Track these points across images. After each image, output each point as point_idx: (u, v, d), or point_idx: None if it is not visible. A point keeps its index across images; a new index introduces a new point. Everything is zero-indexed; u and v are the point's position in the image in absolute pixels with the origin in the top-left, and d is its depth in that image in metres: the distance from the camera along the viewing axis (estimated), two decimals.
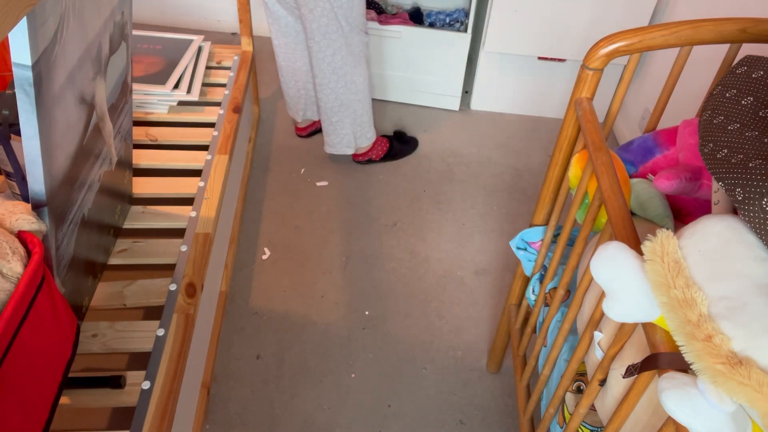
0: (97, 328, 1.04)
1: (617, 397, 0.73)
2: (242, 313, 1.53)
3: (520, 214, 1.89)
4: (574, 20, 2.03)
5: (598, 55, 0.90)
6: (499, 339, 1.36)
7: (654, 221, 0.92)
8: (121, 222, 1.24)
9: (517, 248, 1.17)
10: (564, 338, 0.94)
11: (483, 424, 1.35)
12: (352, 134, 1.89)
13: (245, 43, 1.94)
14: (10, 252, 0.72)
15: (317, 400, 1.36)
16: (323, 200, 1.88)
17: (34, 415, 0.76)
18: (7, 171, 1.10)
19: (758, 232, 0.59)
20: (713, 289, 0.56)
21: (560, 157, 1.04)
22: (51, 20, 0.75)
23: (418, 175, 2.00)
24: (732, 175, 0.62)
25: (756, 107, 0.73)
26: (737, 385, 0.50)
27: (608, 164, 0.79)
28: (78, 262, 0.99)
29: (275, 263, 1.66)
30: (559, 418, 0.95)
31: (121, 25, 1.07)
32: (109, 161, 1.11)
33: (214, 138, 1.52)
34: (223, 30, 2.73)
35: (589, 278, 0.82)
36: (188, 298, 1.12)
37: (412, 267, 1.69)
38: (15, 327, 0.70)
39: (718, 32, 0.91)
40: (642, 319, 0.61)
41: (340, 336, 1.50)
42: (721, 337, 0.53)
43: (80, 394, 0.95)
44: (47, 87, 0.77)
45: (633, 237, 0.70)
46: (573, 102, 0.96)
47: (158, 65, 1.67)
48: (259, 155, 2.03)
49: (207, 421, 1.30)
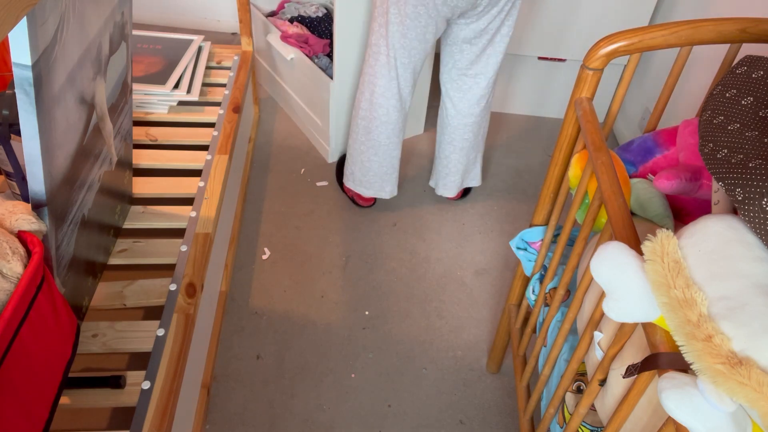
0: (97, 328, 1.04)
1: (617, 397, 0.73)
2: (242, 313, 1.53)
3: (520, 214, 1.89)
4: (574, 20, 2.03)
5: (598, 55, 0.91)
6: (499, 339, 1.37)
7: (654, 221, 0.92)
8: (121, 222, 1.24)
9: (517, 248, 1.17)
10: (564, 338, 0.94)
11: (483, 424, 1.35)
12: None
13: (245, 43, 1.94)
14: (10, 252, 0.72)
15: (317, 400, 1.36)
16: (323, 200, 1.88)
17: (34, 415, 0.76)
18: (7, 171, 1.10)
19: (758, 232, 0.59)
20: (713, 289, 0.56)
21: (560, 157, 1.04)
22: (51, 20, 0.74)
23: (418, 175, 2.00)
24: (732, 175, 0.62)
25: (756, 107, 0.73)
26: (737, 385, 0.50)
27: (608, 164, 0.79)
28: (78, 262, 0.99)
29: (275, 263, 1.66)
30: (559, 418, 0.95)
31: (121, 25, 1.07)
32: (109, 161, 1.11)
33: (214, 138, 1.52)
34: (223, 30, 2.73)
35: (589, 278, 0.82)
36: (188, 298, 1.12)
37: (412, 267, 1.69)
38: (15, 327, 0.70)
39: (718, 32, 0.91)
40: (642, 319, 0.61)
41: (340, 336, 1.50)
42: (721, 337, 0.53)
43: (80, 394, 0.95)
44: (47, 87, 0.77)
45: (633, 237, 0.70)
46: (573, 102, 0.96)
47: (158, 65, 1.67)
48: (259, 155, 2.03)
49: (207, 421, 1.30)
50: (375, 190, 1.76)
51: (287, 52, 2.00)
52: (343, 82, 1.85)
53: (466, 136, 1.71)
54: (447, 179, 1.82)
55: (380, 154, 1.67)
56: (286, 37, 2.03)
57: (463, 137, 1.71)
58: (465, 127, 1.69)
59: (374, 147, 1.66)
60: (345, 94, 1.89)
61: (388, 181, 1.75)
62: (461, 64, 1.58)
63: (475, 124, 1.69)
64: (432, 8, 1.36)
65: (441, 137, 1.76)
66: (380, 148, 1.66)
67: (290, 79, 2.11)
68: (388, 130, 1.63)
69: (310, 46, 2.01)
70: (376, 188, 1.75)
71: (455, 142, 1.73)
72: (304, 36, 2.04)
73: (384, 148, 1.66)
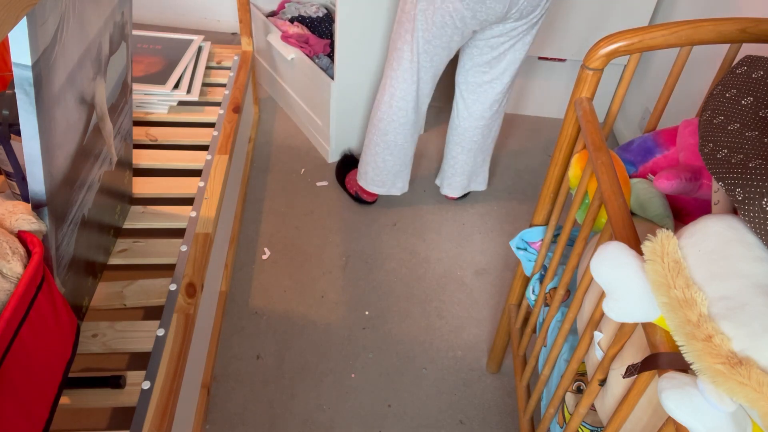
0: (97, 328, 1.04)
1: (617, 397, 0.73)
2: (242, 313, 1.53)
3: (520, 214, 1.89)
4: (574, 20, 2.03)
5: (598, 55, 0.91)
6: (499, 339, 1.37)
7: (654, 221, 0.92)
8: (121, 222, 1.24)
9: (517, 248, 1.17)
10: (564, 338, 0.94)
11: (483, 424, 1.35)
12: None
13: (245, 43, 1.94)
14: (10, 252, 0.72)
15: (317, 400, 1.36)
16: (323, 200, 1.88)
17: (34, 415, 0.76)
18: (7, 171, 1.10)
19: (758, 232, 0.59)
20: (713, 289, 0.56)
21: (560, 157, 1.04)
22: (51, 20, 0.75)
23: (419, 175, 2.00)
24: (732, 175, 0.62)
25: (756, 107, 0.73)
26: (737, 385, 0.50)
27: (608, 164, 0.79)
28: (78, 262, 0.99)
29: (275, 263, 1.66)
30: (559, 418, 0.95)
31: (121, 25, 1.07)
32: (109, 161, 1.11)
33: (214, 138, 1.52)
34: (223, 30, 2.73)
35: (589, 278, 0.82)
36: (188, 298, 1.12)
37: (412, 267, 1.69)
38: (15, 327, 0.70)
39: (718, 32, 0.91)
40: (642, 319, 0.61)
41: (340, 336, 1.50)
42: (721, 337, 0.53)
43: (80, 394, 0.95)
44: (47, 87, 0.77)
45: (633, 237, 0.70)
46: (573, 102, 0.96)
47: (158, 65, 1.67)
48: (259, 155, 2.03)
49: (207, 421, 1.30)
50: (387, 188, 1.77)
51: (288, 52, 2.00)
52: (344, 82, 1.85)
53: (475, 138, 1.71)
54: (453, 179, 1.83)
55: (395, 154, 1.69)
56: (286, 37, 2.03)
57: (472, 139, 1.72)
58: (475, 129, 1.70)
59: (390, 147, 1.67)
60: (346, 95, 1.89)
61: (400, 178, 1.76)
62: (479, 65, 1.58)
63: (485, 127, 1.69)
64: (460, 20, 1.37)
65: (450, 137, 1.77)
66: (396, 148, 1.67)
67: (290, 79, 2.11)
68: (405, 131, 1.64)
69: (310, 46, 2.01)
70: (388, 186, 1.77)
71: (464, 143, 1.73)
72: (305, 36, 2.04)
73: (399, 147, 1.68)
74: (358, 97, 1.93)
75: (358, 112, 1.96)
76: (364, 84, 1.90)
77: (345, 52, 1.78)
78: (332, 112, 1.90)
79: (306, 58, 1.95)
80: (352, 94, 1.90)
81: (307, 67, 1.95)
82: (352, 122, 1.98)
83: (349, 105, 1.92)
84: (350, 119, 1.96)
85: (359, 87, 1.90)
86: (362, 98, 1.94)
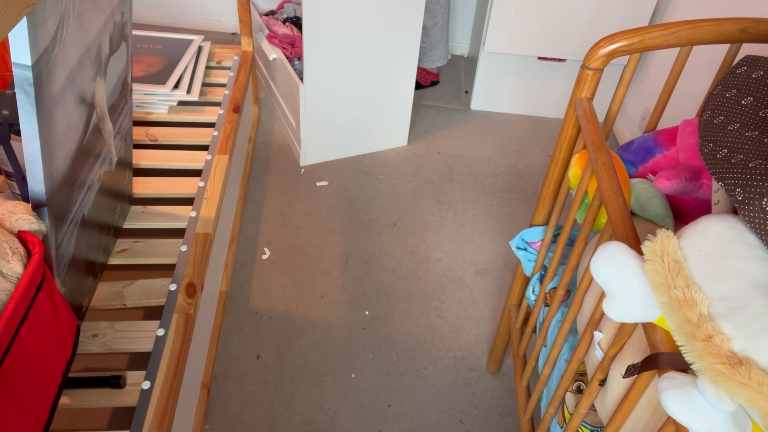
0: (97, 328, 1.04)
1: (617, 397, 0.73)
2: (242, 313, 1.53)
3: (520, 214, 1.89)
4: (574, 20, 2.03)
5: (598, 55, 0.91)
6: (499, 339, 1.37)
7: (654, 221, 0.92)
8: (121, 222, 1.24)
9: (517, 248, 1.17)
10: (564, 338, 0.94)
11: (483, 424, 1.35)
12: None
13: (245, 43, 1.94)
14: (10, 252, 0.72)
15: (317, 400, 1.36)
16: (323, 200, 1.88)
17: (33, 415, 0.76)
18: (7, 171, 1.10)
19: (758, 232, 0.59)
20: (713, 289, 0.56)
21: (560, 157, 1.04)
22: (51, 20, 0.74)
23: (418, 175, 2.00)
24: (732, 175, 0.62)
25: (756, 107, 0.73)
26: (737, 385, 0.50)
27: (608, 164, 0.79)
28: (78, 262, 0.99)
29: (275, 263, 1.66)
30: (559, 418, 0.95)
31: (121, 25, 1.07)
32: (109, 161, 1.11)
33: (214, 138, 1.52)
34: (223, 30, 2.73)
35: (589, 278, 0.82)
36: (188, 298, 1.12)
37: (412, 267, 1.69)
38: (15, 327, 0.70)
39: (718, 32, 0.91)
40: (642, 319, 0.61)
41: (340, 336, 1.50)
42: (721, 337, 0.53)
43: (80, 394, 0.95)
44: (47, 87, 0.77)
45: (633, 237, 0.70)
46: (573, 102, 0.96)
47: (158, 65, 1.67)
48: (259, 155, 2.03)
49: (207, 421, 1.30)
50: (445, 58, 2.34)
51: (269, 51, 1.99)
52: (314, 86, 1.82)
53: None
54: None
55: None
56: (271, 37, 2.02)
57: None
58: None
59: None
60: (315, 99, 1.85)
61: None
62: None
63: None
64: None
65: None
66: None
67: (274, 80, 2.11)
68: None
69: (294, 48, 1.99)
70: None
71: None
72: (291, 38, 2.02)
73: None
74: (328, 102, 1.89)
75: (326, 117, 1.92)
76: (332, 89, 1.86)
77: (313, 55, 1.75)
78: (302, 116, 1.87)
79: (284, 60, 1.93)
80: (321, 97, 1.86)
81: (285, 69, 1.93)
82: (320, 126, 1.93)
83: (318, 108, 1.88)
84: (319, 123, 1.92)
85: (327, 91, 1.86)
86: (331, 103, 1.90)
